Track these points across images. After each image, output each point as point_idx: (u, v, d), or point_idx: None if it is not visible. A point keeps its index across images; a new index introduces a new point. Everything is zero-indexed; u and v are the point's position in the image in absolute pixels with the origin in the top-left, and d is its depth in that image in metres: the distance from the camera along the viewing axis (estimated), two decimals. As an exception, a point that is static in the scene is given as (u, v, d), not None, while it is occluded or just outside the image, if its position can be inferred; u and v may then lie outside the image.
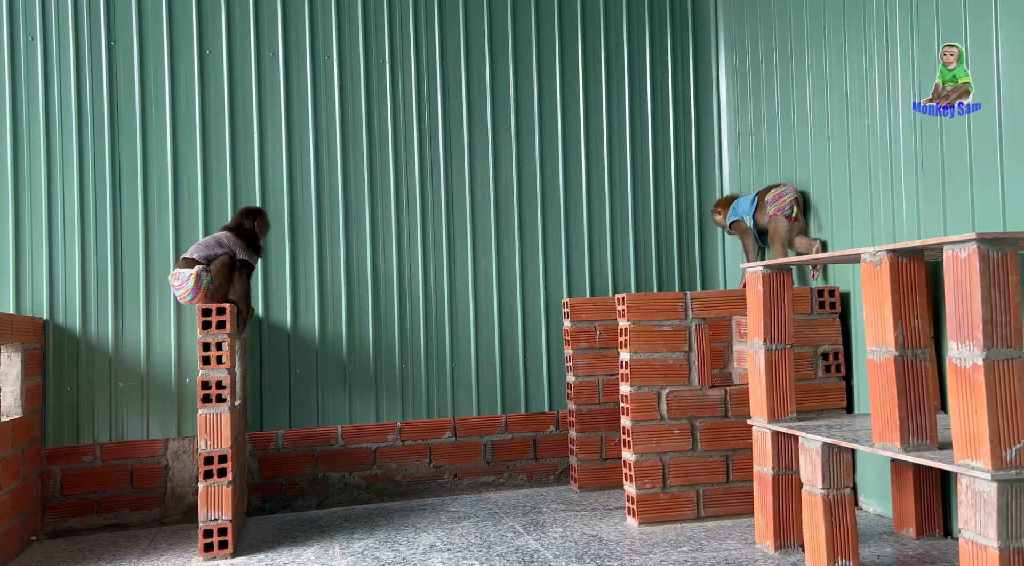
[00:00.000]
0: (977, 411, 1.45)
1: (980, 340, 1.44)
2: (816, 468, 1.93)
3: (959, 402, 1.50)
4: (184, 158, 2.82)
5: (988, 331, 1.44)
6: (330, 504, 2.88)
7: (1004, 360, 1.44)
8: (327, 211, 2.95)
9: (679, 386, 2.49)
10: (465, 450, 3.02)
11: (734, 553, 2.15)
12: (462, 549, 2.26)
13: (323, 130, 2.96)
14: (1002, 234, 1.45)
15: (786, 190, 2.77)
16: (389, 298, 2.99)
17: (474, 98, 3.12)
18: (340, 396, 2.92)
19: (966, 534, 1.50)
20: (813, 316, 2.54)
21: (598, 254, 3.21)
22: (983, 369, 1.44)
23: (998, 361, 1.44)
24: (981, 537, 1.46)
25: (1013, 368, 1.45)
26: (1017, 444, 1.44)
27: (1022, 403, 1.44)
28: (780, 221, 2.75)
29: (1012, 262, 1.45)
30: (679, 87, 3.35)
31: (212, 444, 2.26)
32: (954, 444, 1.52)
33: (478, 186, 3.10)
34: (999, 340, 1.44)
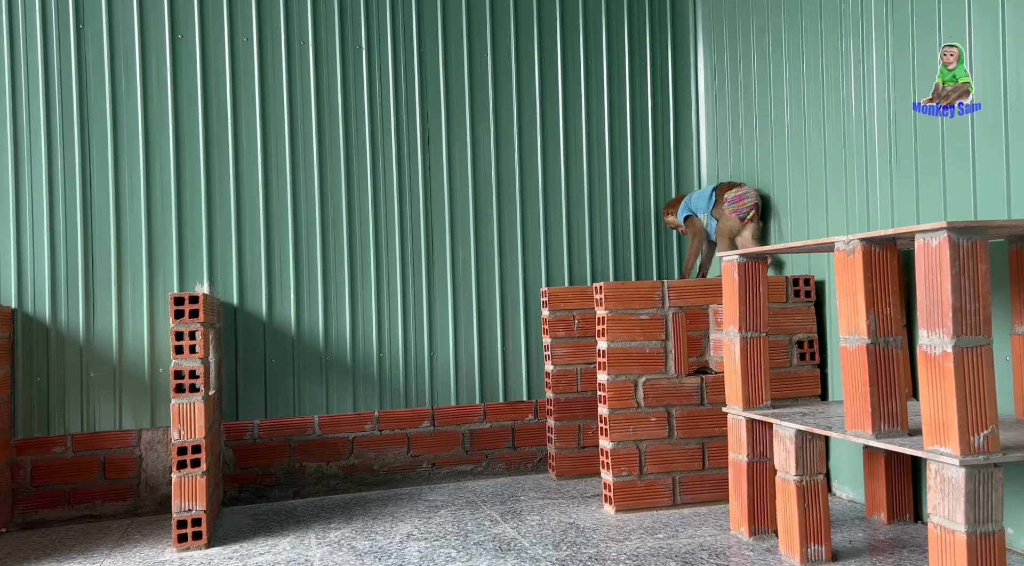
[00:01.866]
0: (946, 398, 1.47)
1: (950, 327, 1.46)
2: (790, 455, 1.94)
3: (929, 389, 1.51)
4: (156, 145, 2.77)
5: (958, 318, 1.45)
6: (307, 494, 2.86)
7: (973, 347, 1.46)
8: (303, 199, 2.92)
9: (656, 374, 2.50)
10: (443, 439, 3.02)
11: (709, 539, 2.16)
12: (439, 538, 2.26)
13: (298, 117, 2.92)
14: (972, 223, 1.46)
15: (748, 193, 2.79)
16: (367, 287, 2.97)
17: (452, 85, 3.09)
18: (317, 386, 2.90)
19: (935, 519, 1.52)
20: (788, 304, 2.56)
21: (577, 243, 3.21)
22: (952, 356, 1.45)
23: (967, 348, 1.46)
24: (949, 522, 1.48)
25: (981, 355, 1.46)
26: (985, 430, 1.46)
27: (990, 390, 1.46)
28: (733, 220, 2.78)
29: (982, 250, 1.47)
30: (657, 76, 3.34)
31: (185, 434, 2.23)
32: (924, 430, 1.54)
33: (456, 174, 3.08)
34: (968, 327, 1.46)
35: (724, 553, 2.04)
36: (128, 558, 2.20)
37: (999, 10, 1.96)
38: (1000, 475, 1.46)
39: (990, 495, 1.45)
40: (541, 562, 2.02)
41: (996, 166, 1.97)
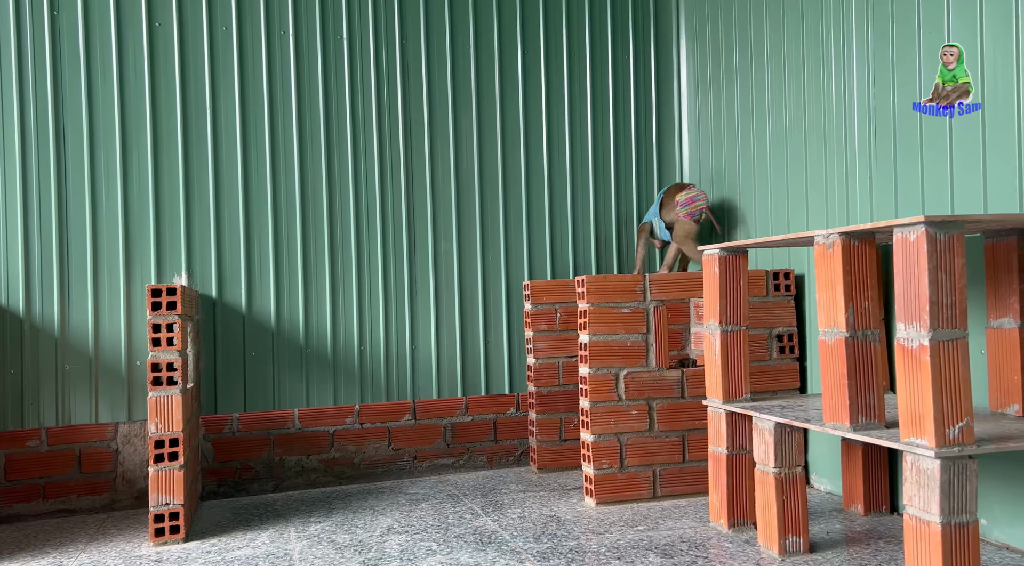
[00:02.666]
0: (922, 390, 1.49)
1: (927, 321, 1.47)
2: (769, 447, 1.96)
3: (906, 382, 1.53)
4: (133, 134, 2.73)
5: (934, 312, 1.47)
6: (287, 488, 2.84)
7: (949, 340, 1.48)
8: (282, 191, 2.89)
9: (637, 367, 2.50)
10: (425, 433, 3.01)
11: (689, 531, 2.18)
12: (420, 531, 2.26)
13: (278, 108, 2.89)
14: (949, 217, 1.48)
15: (699, 196, 2.83)
16: (347, 279, 2.95)
17: (434, 77, 3.07)
18: (297, 379, 2.88)
19: (910, 510, 1.53)
20: (768, 298, 2.58)
21: (559, 237, 3.21)
22: (929, 349, 1.47)
23: (943, 341, 1.47)
24: (925, 513, 1.50)
25: (957, 348, 1.48)
26: (960, 422, 1.47)
27: (965, 382, 1.48)
28: (688, 223, 2.80)
29: (958, 245, 1.48)
30: (640, 70, 3.34)
31: (163, 427, 2.21)
32: (900, 423, 1.55)
33: (439, 167, 3.07)
34: (944, 321, 1.47)
35: (703, 545, 2.06)
36: (104, 552, 2.17)
37: (977, 10, 1.98)
38: (974, 467, 1.48)
39: (964, 486, 1.47)
40: (522, 555, 2.02)
41: (973, 162, 1.99)
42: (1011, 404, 1.84)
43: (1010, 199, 1.90)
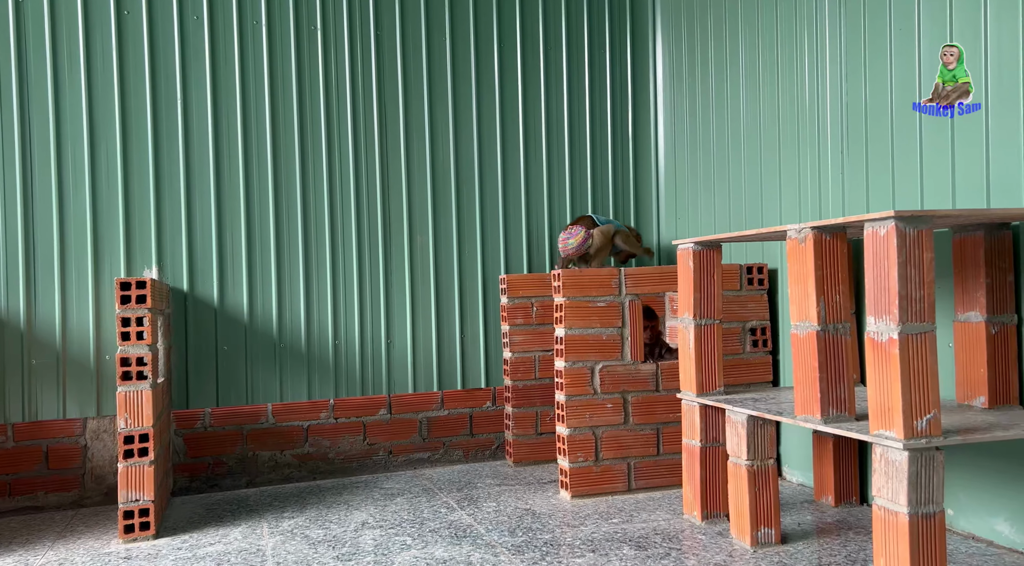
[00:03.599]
0: (892, 383, 1.51)
1: (896, 314, 1.49)
2: (741, 440, 1.97)
3: (875, 374, 1.55)
4: (101, 126, 2.68)
5: (904, 306, 1.49)
6: (260, 483, 2.82)
7: (917, 334, 1.50)
8: (255, 182, 2.85)
9: (612, 361, 2.51)
10: (400, 427, 3.00)
11: (663, 523, 2.19)
12: (394, 525, 2.25)
13: (251, 98, 2.85)
14: (918, 212, 1.50)
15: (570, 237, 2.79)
16: (322, 273, 2.92)
17: (410, 69, 3.05)
18: (270, 373, 2.85)
19: (879, 501, 1.56)
20: (742, 292, 2.60)
21: (536, 231, 3.20)
22: (898, 342, 1.49)
23: (912, 335, 1.49)
24: (893, 504, 1.52)
25: (925, 341, 1.50)
26: (928, 414, 1.50)
27: (933, 375, 1.50)
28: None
29: (927, 239, 1.50)
30: (617, 64, 3.34)
31: (132, 423, 2.17)
32: (870, 415, 1.57)
33: (414, 159, 3.05)
34: (913, 314, 1.49)
35: (677, 537, 2.07)
36: (72, 550, 2.14)
37: (947, 6, 2.00)
38: (941, 458, 1.50)
39: (931, 477, 1.50)
40: (497, 548, 2.02)
41: (942, 158, 2.02)
42: (977, 396, 1.87)
43: (977, 195, 1.93)
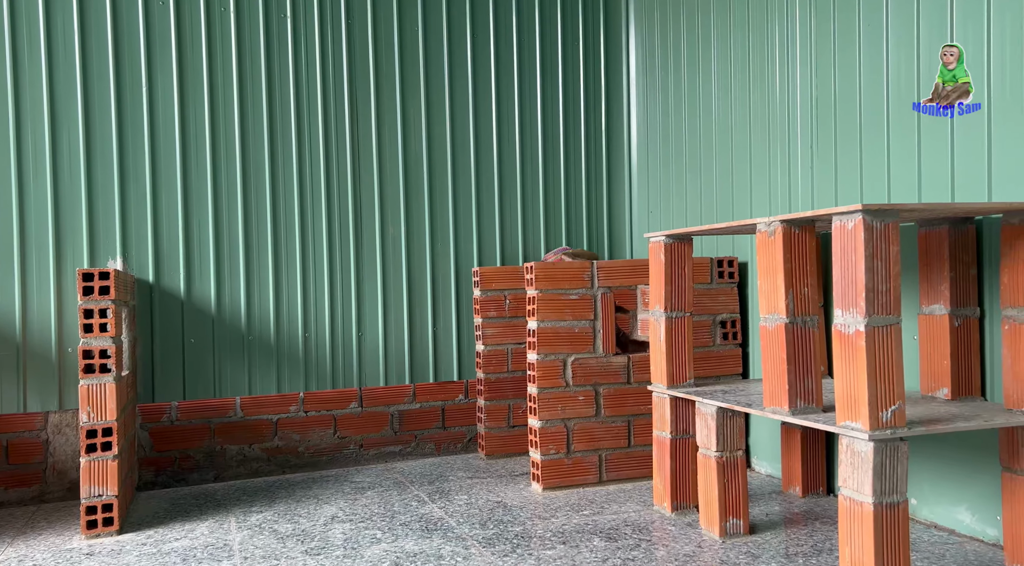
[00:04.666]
0: (858, 375, 1.52)
1: (863, 307, 1.51)
2: (711, 432, 1.99)
3: (842, 366, 1.56)
4: (62, 110, 2.61)
5: (870, 298, 1.50)
6: (228, 477, 2.78)
7: (883, 326, 1.51)
8: (223, 171, 2.80)
9: (584, 354, 2.52)
10: (371, 420, 2.97)
11: (633, 515, 2.20)
12: (365, 519, 2.23)
13: (219, 85, 2.80)
14: (885, 205, 1.51)
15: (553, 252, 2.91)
16: (291, 264, 2.88)
17: (382, 59, 3.01)
18: (239, 366, 2.81)
19: (845, 491, 1.58)
20: (713, 285, 2.61)
21: (509, 223, 3.19)
22: (864, 334, 1.50)
23: (878, 327, 1.51)
24: (858, 494, 1.54)
25: (891, 334, 1.52)
26: (893, 405, 1.52)
27: (898, 367, 1.52)
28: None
29: (893, 233, 1.52)
30: (590, 58, 3.34)
31: (95, 417, 2.13)
32: (836, 407, 1.59)
33: (386, 151, 3.02)
34: (880, 307, 1.51)
35: (647, 528, 2.08)
36: (32, 546, 2.09)
37: (915, 1, 2.02)
38: (905, 448, 1.52)
39: (896, 468, 1.52)
40: (467, 541, 2.02)
41: (908, 152, 2.05)
42: (940, 388, 1.90)
43: (942, 190, 1.96)
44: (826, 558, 1.83)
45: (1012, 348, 1.70)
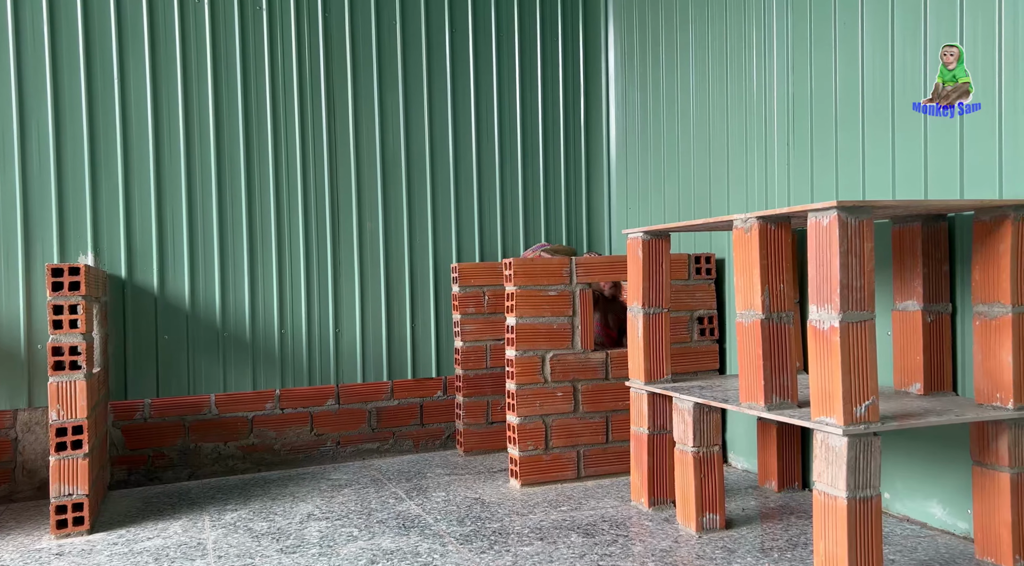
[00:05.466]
0: (832, 370, 1.54)
1: (837, 303, 1.52)
2: (688, 427, 2.00)
3: (817, 362, 1.58)
4: (32, 101, 2.55)
5: (845, 295, 1.52)
6: (203, 475, 2.75)
7: (858, 322, 1.53)
8: (197, 164, 2.76)
9: (563, 350, 2.51)
10: (349, 417, 2.95)
11: (610, 510, 2.21)
12: (341, 517, 2.21)
13: (192, 78, 2.75)
14: (860, 202, 1.52)
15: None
16: (267, 259, 2.85)
17: (359, 52, 2.98)
18: (214, 363, 2.77)
19: (819, 486, 1.59)
20: (690, 282, 2.62)
21: (488, 219, 3.18)
22: (839, 330, 1.52)
23: (852, 323, 1.52)
24: (832, 488, 1.55)
25: (865, 330, 1.53)
26: (866, 401, 1.53)
27: (872, 362, 1.54)
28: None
29: (868, 230, 1.53)
30: (569, 54, 3.33)
31: (65, 414, 2.09)
32: (811, 402, 1.60)
33: (364, 145, 2.99)
34: (854, 303, 1.52)
35: (624, 524, 2.09)
36: (0, 546, 2.04)
37: (889, 2, 2.04)
38: (878, 443, 1.54)
39: (869, 462, 1.53)
40: (445, 538, 2.01)
41: (883, 150, 2.07)
42: (913, 383, 1.92)
43: (916, 187, 1.98)
44: (801, 552, 1.84)
45: (983, 344, 1.72)
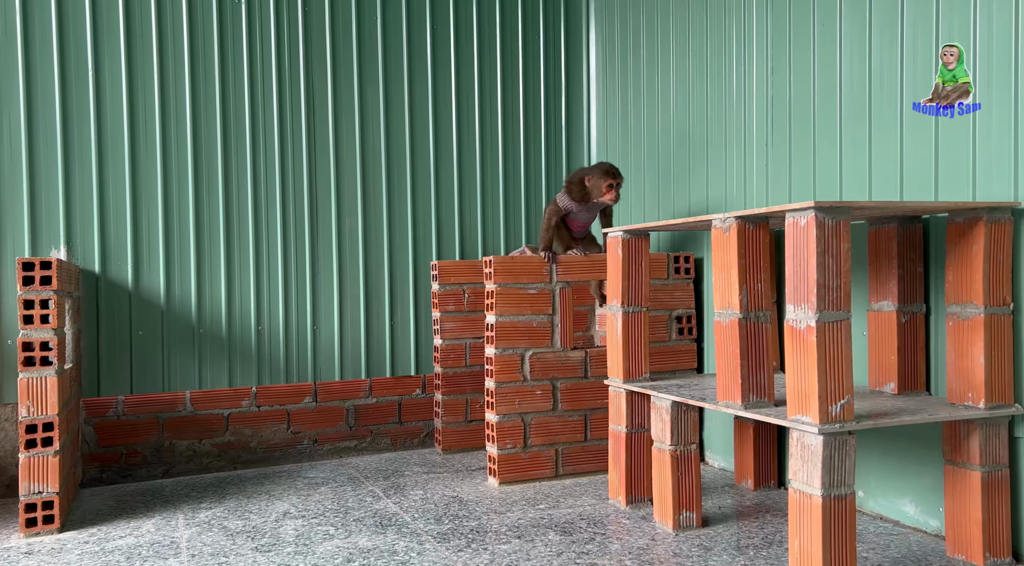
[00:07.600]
0: (808, 369, 1.55)
1: (814, 303, 1.53)
2: (665, 425, 2.00)
3: (793, 361, 1.59)
4: (3, 93, 2.50)
5: (821, 294, 1.53)
6: (177, 473, 2.71)
7: (834, 322, 1.54)
8: (174, 159, 2.72)
9: (543, 348, 2.51)
10: (326, 415, 2.93)
11: (588, 509, 2.21)
12: (317, 515, 2.20)
13: (169, 70, 2.72)
14: (837, 203, 1.54)
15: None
16: (244, 255, 2.82)
17: (339, 48, 2.96)
18: (189, 360, 2.74)
19: (795, 484, 1.60)
20: (669, 281, 2.64)
21: (468, 217, 3.17)
22: (815, 330, 1.53)
23: (828, 322, 1.54)
24: (807, 486, 1.57)
25: (841, 329, 1.55)
26: (842, 400, 1.55)
27: (848, 362, 1.55)
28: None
29: (844, 230, 1.55)
30: (550, 53, 3.33)
31: (35, 411, 2.05)
32: (788, 401, 1.61)
33: (343, 141, 2.97)
34: (830, 303, 1.54)
35: (602, 521, 2.09)
36: (-33, 547, 2.01)
37: (867, 5, 2.06)
38: (853, 442, 1.55)
39: (844, 461, 1.55)
40: (422, 536, 2.00)
41: (860, 152, 2.09)
42: (888, 382, 1.95)
43: (892, 189, 2.00)
44: (776, 550, 1.86)
45: (955, 344, 1.75)
